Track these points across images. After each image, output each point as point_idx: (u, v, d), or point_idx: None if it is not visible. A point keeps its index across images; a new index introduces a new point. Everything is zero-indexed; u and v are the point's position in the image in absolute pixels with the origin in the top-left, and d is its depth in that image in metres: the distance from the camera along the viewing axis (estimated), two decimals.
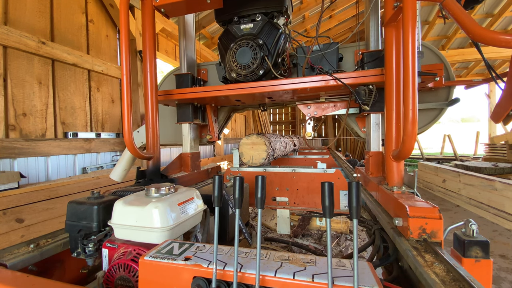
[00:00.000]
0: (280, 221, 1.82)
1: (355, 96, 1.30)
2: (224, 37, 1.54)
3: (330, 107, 1.62)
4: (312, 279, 0.56)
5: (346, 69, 1.59)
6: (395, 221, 0.94)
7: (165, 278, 0.65)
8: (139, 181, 1.47)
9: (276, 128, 12.50)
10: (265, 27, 1.45)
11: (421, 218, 0.83)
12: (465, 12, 0.92)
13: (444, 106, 1.42)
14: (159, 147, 1.51)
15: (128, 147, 1.31)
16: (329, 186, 0.58)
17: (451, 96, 1.43)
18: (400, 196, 1.00)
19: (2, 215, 1.94)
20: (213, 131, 1.89)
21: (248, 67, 1.40)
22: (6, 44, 2.24)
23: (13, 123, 2.32)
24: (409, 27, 0.91)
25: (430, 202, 0.89)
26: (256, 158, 1.85)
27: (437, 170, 5.75)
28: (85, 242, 0.95)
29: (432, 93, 1.44)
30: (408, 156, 1.05)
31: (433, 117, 1.47)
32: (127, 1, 1.27)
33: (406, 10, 0.92)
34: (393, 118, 1.16)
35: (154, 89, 1.45)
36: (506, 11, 6.42)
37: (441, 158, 9.45)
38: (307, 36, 1.99)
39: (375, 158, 1.42)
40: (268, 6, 1.46)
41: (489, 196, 4.10)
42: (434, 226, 0.82)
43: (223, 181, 0.69)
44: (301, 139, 4.28)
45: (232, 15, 1.52)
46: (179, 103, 1.74)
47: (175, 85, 1.73)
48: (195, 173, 1.83)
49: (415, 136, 0.95)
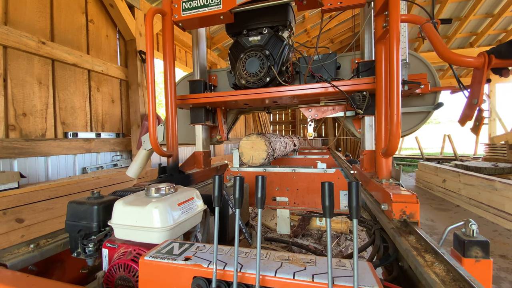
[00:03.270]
0: (280, 221, 1.82)
1: (350, 101, 1.48)
2: (234, 48, 1.72)
3: (329, 110, 1.79)
4: (312, 279, 0.56)
5: (344, 75, 1.77)
6: (382, 206, 1.10)
7: (165, 278, 0.65)
8: (161, 176, 1.63)
9: (276, 128, 12.50)
10: (271, 39, 1.61)
11: (402, 203, 1.00)
12: (438, 37, 1.12)
13: (430, 109, 1.59)
14: (177, 146, 1.68)
15: (154, 148, 1.49)
16: (329, 186, 0.58)
17: (437, 100, 1.60)
18: (387, 186, 1.15)
19: (2, 215, 1.94)
20: (222, 131, 2.08)
21: (256, 75, 1.58)
22: (6, 44, 2.24)
23: (13, 123, 2.32)
24: (394, 44, 1.09)
25: (410, 191, 1.05)
26: (256, 158, 1.86)
27: (437, 170, 5.75)
28: (85, 242, 0.95)
29: (420, 98, 1.61)
30: (394, 153, 1.20)
31: (421, 119, 1.64)
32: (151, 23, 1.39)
33: (391, 30, 1.10)
34: (383, 120, 1.31)
35: (173, 95, 1.61)
36: (506, 11, 6.42)
37: (441, 158, 9.45)
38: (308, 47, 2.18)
39: (369, 155, 1.57)
40: (273, 21, 1.63)
41: (489, 196, 4.10)
42: (412, 209, 1.00)
43: (223, 181, 0.70)
44: (301, 139, 4.28)
45: (241, 28, 1.69)
46: (193, 107, 1.90)
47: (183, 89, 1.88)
48: (207, 170, 2.01)
49: (399, 136, 1.12)
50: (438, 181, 5.66)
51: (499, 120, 8.42)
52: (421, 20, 1.19)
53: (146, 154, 2.12)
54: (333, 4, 1.34)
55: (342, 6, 1.36)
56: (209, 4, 1.48)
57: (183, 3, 1.54)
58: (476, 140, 10.21)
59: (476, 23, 7.22)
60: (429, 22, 1.17)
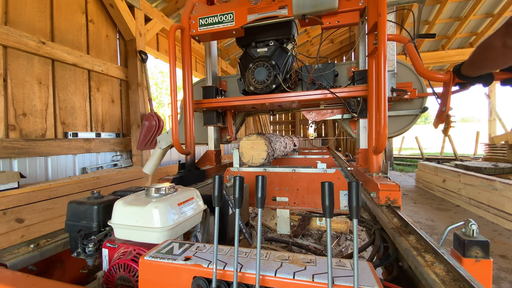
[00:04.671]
0: (280, 221, 1.82)
1: (346, 105, 1.67)
2: (243, 58, 1.90)
3: (328, 113, 1.99)
4: (312, 279, 0.56)
5: (342, 82, 1.96)
6: (371, 194, 1.32)
7: (165, 278, 0.65)
8: (181, 171, 1.83)
9: (276, 128, 12.50)
10: (277, 51, 1.79)
11: (387, 191, 1.20)
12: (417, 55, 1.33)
13: (418, 113, 1.78)
14: (194, 145, 1.89)
15: (176, 147, 1.74)
16: (329, 186, 0.58)
17: (424, 105, 1.78)
18: (377, 179, 1.34)
19: (2, 215, 1.94)
20: (231, 132, 2.28)
21: (264, 83, 1.77)
22: (6, 44, 2.24)
23: (13, 123, 2.32)
24: (381, 60, 1.26)
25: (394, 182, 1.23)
26: (256, 158, 1.86)
27: (437, 170, 5.75)
28: (85, 242, 0.95)
29: (409, 102, 1.80)
30: (382, 150, 1.38)
31: (410, 121, 1.82)
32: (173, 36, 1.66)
33: (379, 48, 1.27)
34: (374, 123, 1.48)
35: (191, 100, 1.81)
36: (506, 11, 6.42)
37: (441, 158, 9.45)
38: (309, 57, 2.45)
39: (363, 153, 1.73)
40: (279, 34, 1.81)
41: (489, 196, 4.10)
42: (395, 196, 1.19)
43: (223, 181, 0.70)
44: (301, 139, 4.29)
45: (250, 41, 1.88)
46: (206, 110, 2.11)
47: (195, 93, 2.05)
48: (218, 166, 2.21)
49: (386, 136, 1.28)
50: (438, 181, 5.66)
51: (499, 120, 8.42)
52: (404, 40, 1.40)
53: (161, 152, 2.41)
54: (331, 23, 1.53)
55: (339, 25, 1.54)
56: (223, 21, 1.69)
57: (199, 20, 1.74)
58: (476, 140, 10.21)
59: (476, 23, 7.22)
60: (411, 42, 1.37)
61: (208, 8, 1.76)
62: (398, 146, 14.11)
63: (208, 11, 1.73)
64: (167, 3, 4.40)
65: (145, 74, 3.71)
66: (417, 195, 5.71)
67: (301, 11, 1.51)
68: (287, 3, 1.57)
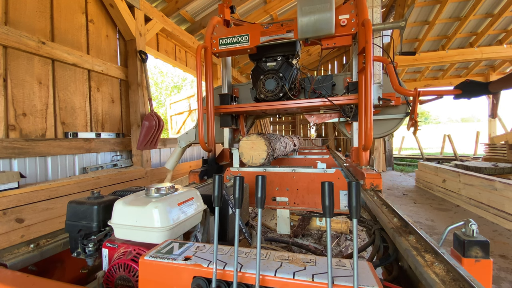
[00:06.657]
0: (280, 221, 1.82)
1: (341, 111, 1.97)
2: (255, 70, 2.19)
3: (327, 117, 2.31)
4: (312, 279, 0.56)
5: (338, 91, 2.24)
6: (360, 181, 1.61)
7: (165, 278, 0.65)
8: (204, 166, 2.18)
9: (276, 128, 12.49)
10: (284, 65, 2.07)
11: (371, 178, 1.56)
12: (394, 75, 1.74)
13: (402, 116, 2.05)
14: (215, 144, 2.23)
15: (202, 145, 2.10)
16: (329, 186, 0.58)
17: (408, 110, 2.01)
18: (365, 170, 1.68)
19: (2, 215, 1.94)
20: (243, 133, 2.58)
21: (273, 92, 2.05)
22: (6, 44, 2.24)
23: (13, 123, 2.32)
24: (368, 76, 1.56)
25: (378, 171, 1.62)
26: (256, 158, 1.86)
27: (437, 170, 5.75)
28: (85, 242, 0.95)
29: (396, 108, 2.05)
30: (369, 148, 1.67)
31: (396, 123, 2.09)
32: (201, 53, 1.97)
33: (366, 67, 1.58)
34: (363, 125, 1.73)
35: (213, 107, 2.12)
36: (506, 11, 6.42)
37: (441, 158, 9.45)
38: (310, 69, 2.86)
39: (356, 151, 1.96)
40: (285, 51, 2.08)
41: (489, 196, 4.10)
42: (377, 182, 1.55)
43: (223, 181, 0.70)
44: (301, 139, 4.30)
45: (261, 56, 2.15)
46: (223, 114, 2.36)
47: None
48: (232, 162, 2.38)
49: (371, 136, 1.58)
50: (438, 181, 5.66)
51: (499, 120, 8.43)
52: (386, 61, 1.79)
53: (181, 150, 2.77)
54: (329, 44, 1.86)
55: (336, 46, 1.88)
56: (240, 41, 2.01)
57: (220, 40, 2.05)
58: (476, 140, 10.21)
59: (476, 23, 7.21)
60: (390, 64, 1.77)
61: (226, 30, 2.09)
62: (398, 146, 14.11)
63: (227, 33, 2.05)
64: (167, 3, 4.40)
65: (145, 74, 3.70)
66: (417, 195, 5.71)
67: (304, 35, 1.79)
68: (293, 28, 1.86)
